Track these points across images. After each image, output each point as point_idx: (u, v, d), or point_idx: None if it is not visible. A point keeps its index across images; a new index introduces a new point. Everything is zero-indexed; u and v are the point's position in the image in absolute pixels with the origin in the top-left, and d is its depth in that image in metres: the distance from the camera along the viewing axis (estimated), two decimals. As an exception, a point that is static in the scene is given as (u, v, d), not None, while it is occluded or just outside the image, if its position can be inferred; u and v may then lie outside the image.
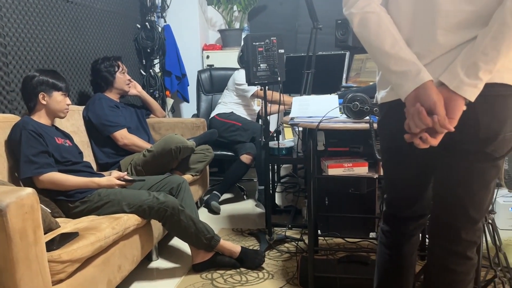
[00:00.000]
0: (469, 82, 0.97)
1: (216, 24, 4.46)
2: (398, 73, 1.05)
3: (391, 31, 1.07)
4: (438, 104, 0.98)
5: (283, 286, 2.05)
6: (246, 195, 3.57)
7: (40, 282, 1.34)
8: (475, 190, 1.11)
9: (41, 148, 1.90)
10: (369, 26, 1.08)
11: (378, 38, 1.07)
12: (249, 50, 2.28)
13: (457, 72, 0.99)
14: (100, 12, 3.10)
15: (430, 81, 1.01)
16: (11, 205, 1.23)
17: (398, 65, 1.04)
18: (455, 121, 1.00)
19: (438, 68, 1.04)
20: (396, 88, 1.08)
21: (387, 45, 1.06)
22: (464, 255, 1.16)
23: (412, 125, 1.03)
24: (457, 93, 0.98)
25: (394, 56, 1.05)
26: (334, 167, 1.85)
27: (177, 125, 3.11)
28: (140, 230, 2.02)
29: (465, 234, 1.14)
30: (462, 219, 1.14)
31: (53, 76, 2.08)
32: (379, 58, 1.09)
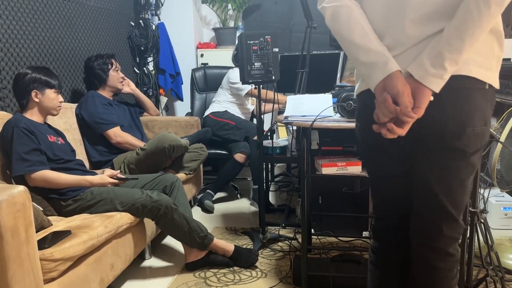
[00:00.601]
0: (434, 72, 0.98)
1: (211, 23, 4.44)
2: (367, 64, 1.07)
3: (361, 23, 1.09)
4: (401, 93, 0.99)
5: (277, 285, 2.05)
6: (240, 194, 3.57)
7: (32, 280, 1.33)
8: (452, 187, 1.12)
9: (33, 146, 1.88)
10: (339, 19, 1.11)
11: (348, 31, 1.09)
12: (244, 48, 2.28)
13: (423, 62, 1.00)
14: (94, 9, 3.08)
15: (397, 71, 1.02)
16: (2, 203, 1.22)
17: (367, 56, 1.06)
18: (421, 110, 1.01)
19: (408, 59, 1.05)
20: (366, 79, 1.10)
21: (356, 37, 1.08)
22: (446, 252, 1.17)
23: (380, 114, 1.04)
24: (422, 83, 1.00)
25: (363, 47, 1.07)
26: (328, 166, 1.85)
27: (171, 123, 3.10)
28: (133, 229, 2.01)
29: (446, 231, 1.15)
30: (440, 216, 1.15)
31: (46, 73, 2.06)
32: (350, 50, 1.11)
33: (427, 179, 1.14)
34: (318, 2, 1.17)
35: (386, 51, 1.05)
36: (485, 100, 1.06)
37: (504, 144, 1.71)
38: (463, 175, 1.11)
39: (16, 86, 2.03)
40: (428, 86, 0.99)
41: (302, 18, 2.69)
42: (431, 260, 1.18)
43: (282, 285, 2.05)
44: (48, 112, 2.09)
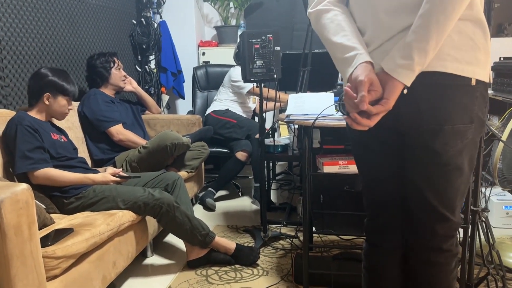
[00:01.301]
0: (403, 63, 0.97)
1: (212, 21, 4.45)
2: (341, 59, 1.08)
3: (339, 22, 1.11)
4: (361, 82, 0.98)
5: (278, 282, 2.06)
6: (241, 192, 3.57)
7: (34, 278, 1.33)
8: (441, 189, 1.11)
9: (36, 144, 1.89)
10: (321, 21, 1.14)
11: (327, 30, 1.12)
12: (245, 47, 2.28)
13: (394, 54, 1.00)
14: (96, 7, 3.08)
15: (364, 63, 1.02)
16: (5, 201, 1.23)
17: (341, 52, 1.08)
18: (389, 101, 0.99)
19: (384, 53, 1.04)
20: (342, 74, 1.11)
21: (333, 36, 1.10)
22: (440, 248, 1.16)
23: (347, 106, 1.04)
24: (391, 76, 0.99)
25: (339, 45, 1.08)
26: (330, 165, 1.86)
27: (173, 121, 3.11)
28: (135, 227, 2.02)
29: (438, 230, 1.15)
30: (431, 215, 1.14)
31: (64, 79, 2.07)
32: (329, 49, 1.13)
33: (414, 178, 1.13)
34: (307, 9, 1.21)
35: (359, 46, 1.06)
36: (471, 96, 1.02)
37: (505, 143, 1.72)
38: (450, 175, 1.09)
39: (32, 83, 2.04)
40: (397, 78, 0.98)
41: (304, 16, 2.70)
42: (427, 255, 1.18)
43: (283, 283, 2.06)
44: (54, 116, 2.11)
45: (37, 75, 2.03)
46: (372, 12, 1.08)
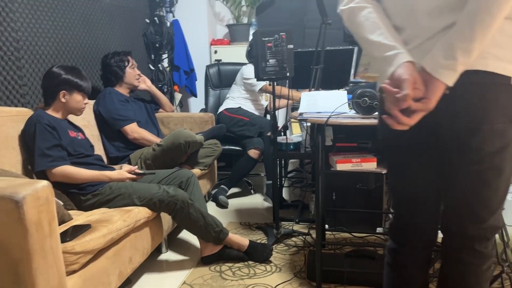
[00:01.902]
0: (446, 63, 0.96)
1: (224, 19, 4.46)
2: (380, 58, 1.07)
3: (375, 19, 1.10)
4: (405, 81, 0.97)
5: (291, 279, 2.08)
6: (253, 190, 3.60)
7: (55, 272, 1.37)
8: (477, 190, 1.08)
9: (54, 142, 1.93)
10: (355, 19, 1.13)
11: (363, 29, 1.11)
12: (258, 45, 2.29)
13: (435, 54, 0.98)
14: (110, 6, 3.12)
15: (407, 62, 1.01)
16: (27, 197, 1.26)
17: (380, 51, 1.06)
18: (430, 101, 0.98)
19: (424, 52, 1.03)
20: (381, 74, 1.10)
21: (371, 34, 1.09)
22: (474, 249, 1.14)
23: (387, 103, 1.02)
24: (433, 76, 0.98)
25: (377, 43, 1.07)
26: (343, 163, 1.87)
27: (186, 119, 3.14)
28: (150, 223, 2.06)
29: (473, 231, 1.12)
30: (468, 217, 1.11)
31: (78, 76, 2.10)
32: (365, 47, 1.12)
33: (450, 178, 1.12)
34: (338, 6, 1.20)
35: (399, 45, 1.05)
36: (510, 95, 1.01)
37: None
38: (487, 174, 1.06)
39: (46, 83, 2.08)
40: (439, 78, 0.97)
41: (316, 14, 2.69)
42: (458, 254, 1.16)
43: (296, 279, 2.07)
44: (72, 112, 2.14)
45: (50, 75, 2.06)
46: (410, 11, 1.07)
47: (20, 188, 1.27)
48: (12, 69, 2.17)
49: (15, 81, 2.19)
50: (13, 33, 2.17)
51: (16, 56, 2.19)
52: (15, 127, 1.97)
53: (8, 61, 2.15)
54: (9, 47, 2.15)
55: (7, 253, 1.28)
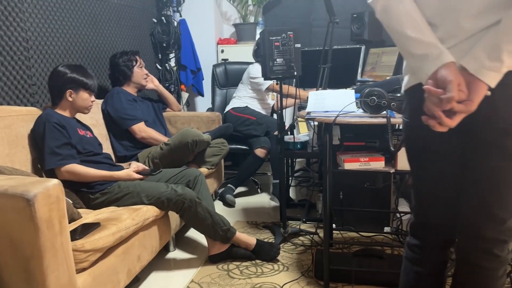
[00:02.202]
0: (490, 65, 0.95)
1: (231, 18, 4.47)
2: (418, 56, 1.05)
3: (413, 15, 1.06)
4: (452, 82, 0.95)
5: (298, 278, 2.08)
6: (260, 189, 3.60)
7: (65, 270, 1.38)
8: (501, 189, 1.08)
9: (64, 140, 1.95)
10: (391, 11, 1.09)
11: (400, 23, 1.07)
12: (266, 44, 2.30)
13: (478, 55, 0.97)
14: (117, 6, 3.14)
15: (451, 62, 0.99)
16: (38, 196, 1.27)
17: (419, 48, 1.04)
18: (473, 103, 0.97)
19: (461, 52, 1.02)
20: (417, 72, 1.07)
21: (408, 29, 1.06)
22: (491, 252, 1.12)
23: (429, 104, 1.00)
24: (477, 77, 0.96)
25: (416, 39, 1.05)
26: (351, 162, 1.87)
27: (193, 119, 3.15)
28: (158, 221, 2.07)
29: (490, 233, 1.10)
30: (486, 218, 1.10)
31: (83, 74, 2.10)
32: (401, 43, 1.09)
33: (475, 178, 1.11)
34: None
35: (439, 43, 1.03)
36: None
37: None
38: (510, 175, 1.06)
39: (52, 82, 2.09)
40: (483, 80, 0.96)
41: (323, 13, 2.70)
42: (476, 258, 1.14)
43: (303, 278, 2.08)
44: (80, 110, 2.15)
45: (56, 74, 2.07)
46: (449, 9, 1.04)
47: (31, 186, 1.29)
48: (22, 69, 2.19)
49: (24, 81, 2.21)
50: (23, 33, 2.19)
51: (25, 55, 2.21)
52: (25, 126, 1.99)
53: (18, 60, 2.17)
54: (19, 47, 2.17)
55: (19, 250, 1.30)
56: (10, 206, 1.28)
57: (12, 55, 2.13)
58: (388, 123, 1.67)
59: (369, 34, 3.35)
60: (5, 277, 1.34)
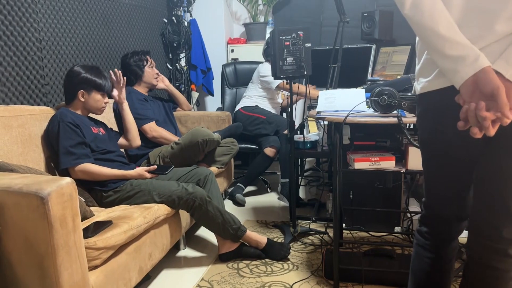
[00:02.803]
0: None
1: (241, 18, 4.48)
2: (453, 57, 0.99)
3: (446, 14, 1.01)
4: (501, 89, 0.91)
5: (308, 277, 2.08)
6: (269, 188, 3.61)
7: (78, 267, 1.40)
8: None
9: (78, 139, 1.97)
10: (422, 8, 1.02)
11: (433, 20, 1.01)
12: (276, 44, 2.30)
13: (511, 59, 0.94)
14: (129, 6, 3.16)
15: (489, 67, 0.95)
16: (52, 194, 1.30)
17: (454, 49, 0.98)
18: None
19: (490, 55, 0.98)
20: (450, 74, 1.01)
21: (442, 28, 1.00)
22: (505, 253, 1.11)
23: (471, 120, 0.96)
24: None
25: (450, 39, 0.99)
26: (361, 161, 1.86)
27: (203, 118, 3.17)
28: (169, 220, 2.08)
29: (506, 233, 1.09)
30: (503, 217, 1.09)
31: (97, 75, 2.11)
32: (433, 42, 1.02)
33: (492, 179, 1.10)
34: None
35: (474, 46, 0.98)
36: None
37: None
38: None
39: (67, 82, 2.11)
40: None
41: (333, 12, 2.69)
42: (488, 259, 1.13)
43: (313, 277, 2.08)
44: (91, 111, 2.17)
45: (71, 74, 2.09)
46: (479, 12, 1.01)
47: (45, 184, 1.31)
48: (35, 69, 2.23)
49: (37, 81, 2.24)
50: (36, 33, 2.23)
51: (38, 56, 2.25)
52: (38, 125, 2.02)
53: (31, 60, 2.20)
54: (32, 47, 2.20)
55: (33, 247, 1.32)
56: (24, 204, 1.30)
57: (26, 55, 2.16)
58: (400, 122, 1.66)
59: (380, 33, 3.34)
60: (19, 274, 1.37)
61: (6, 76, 2.04)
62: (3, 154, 1.79)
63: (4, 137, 1.82)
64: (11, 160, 1.82)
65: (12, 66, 2.08)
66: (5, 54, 2.03)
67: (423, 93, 1.16)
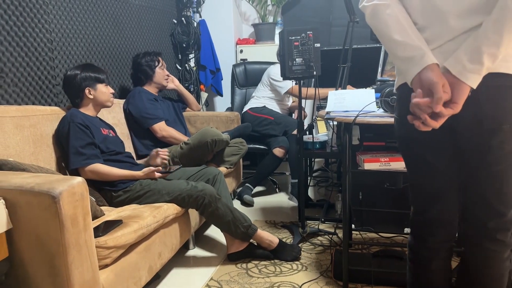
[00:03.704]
0: (472, 67, 0.98)
1: (250, 18, 4.48)
2: (404, 58, 1.08)
3: (399, 19, 1.10)
4: (436, 84, 0.99)
5: (317, 278, 2.08)
6: (278, 188, 3.60)
7: (89, 266, 1.41)
8: (497, 188, 1.12)
9: (88, 140, 1.99)
10: (379, 16, 1.13)
11: (387, 27, 1.11)
12: (285, 44, 2.30)
13: (460, 57, 1.00)
14: (139, 7, 3.18)
15: (433, 64, 1.03)
16: (63, 193, 1.31)
17: (404, 51, 1.08)
18: (458, 105, 1.01)
19: (446, 53, 1.05)
20: (404, 74, 1.11)
21: (394, 33, 1.09)
22: (494, 238, 1.17)
23: (415, 109, 1.04)
24: (459, 79, 1.00)
25: (401, 43, 1.08)
26: (371, 162, 1.85)
27: (212, 118, 3.17)
28: (178, 219, 2.09)
29: (492, 224, 1.16)
30: (488, 212, 1.16)
31: (94, 70, 2.16)
32: (388, 46, 1.13)
33: (473, 176, 1.15)
34: (359, 1, 1.21)
35: (423, 46, 1.06)
36: None
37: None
38: (506, 174, 1.11)
39: (68, 87, 2.14)
40: (466, 82, 0.99)
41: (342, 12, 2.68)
42: (479, 241, 1.20)
43: (322, 278, 2.07)
44: (103, 105, 2.19)
45: (69, 79, 2.12)
46: (435, 11, 1.08)
47: (56, 184, 1.32)
48: (46, 69, 2.25)
49: (48, 81, 2.27)
50: (47, 34, 2.25)
51: (49, 56, 2.27)
52: (50, 125, 2.04)
53: (43, 61, 2.22)
54: (43, 48, 2.22)
55: (44, 246, 1.33)
56: (36, 203, 1.31)
57: (37, 56, 2.18)
58: (409, 123, 1.65)
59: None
60: (31, 272, 1.38)
61: (18, 76, 2.07)
62: (15, 154, 1.81)
63: (16, 137, 1.84)
64: (23, 159, 1.84)
65: (24, 67, 2.10)
66: (17, 54, 2.06)
67: (396, 88, 1.26)
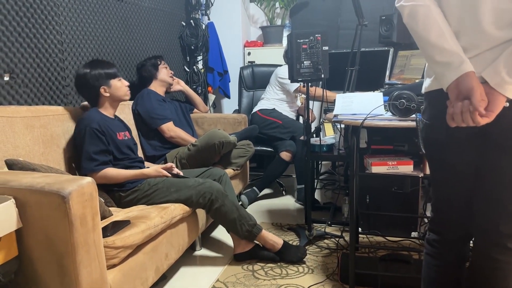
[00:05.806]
0: (510, 80, 1.01)
1: (258, 21, 4.49)
2: (441, 63, 1.09)
3: (438, 23, 1.11)
4: (475, 90, 1.01)
5: (323, 281, 2.07)
6: (285, 191, 3.60)
7: (97, 265, 1.43)
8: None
9: (102, 147, 1.99)
10: (417, 18, 1.13)
11: (425, 30, 1.12)
12: (293, 47, 2.30)
13: (499, 70, 1.02)
14: (148, 10, 3.21)
15: (471, 72, 1.04)
16: (73, 193, 1.32)
17: (442, 56, 1.08)
18: (493, 114, 1.03)
19: (482, 63, 1.07)
20: (439, 78, 1.12)
21: (433, 37, 1.10)
22: (505, 247, 1.17)
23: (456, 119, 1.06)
24: (497, 91, 1.02)
25: (439, 47, 1.09)
26: (378, 165, 1.85)
27: (220, 120, 3.18)
28: (185, 220, 2.10)
29: (505, 228, 1.16)
30: (502, 214, 1.16)
31: (103, 66, 2.13)
32: (425, 49, 1.13)
33: (491, 178, 1.16)
34: (396, 0, 1.21)
35: (461, 52, 1.07)
36: None
37: None
38: None
39: (81, 87, 2.14)
40: (504, 94, 1.02)
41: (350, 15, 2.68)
42: (491, 252, 1.19)
43: (328, 281, 2.07)
44: (120, 99, 2.18)
45: (81, 79, 2.10)
46: (473, 20, 1.08)
47: (66, 184, 1.34)
48: (57, 70, 2.27)
49: (59, 82, 2.29)
50: (58, 35, 2.27)
51: (60, 57, 2.29)
52: (60, 126, 2.06)
53: (53, 62, 2.25)
54: (54, 49, 2.25)
55: (53, 245, 1.35)
56: (46, 202, 1.33)
57: (48, 57, 2.21)
58: (418, 126, 1.65)
59: (398, 36, 3.31)
60: (39, 271, 1.40)
61: (29, 77, 2.09)
62: (25, 154, 1.83)
63: (26, 137, 1.86)
64: (33, 159, 1.86)
65: (34, 68, 2.12)
66: (28, 56, 2.08)
67: (427, 92, 1.25)
